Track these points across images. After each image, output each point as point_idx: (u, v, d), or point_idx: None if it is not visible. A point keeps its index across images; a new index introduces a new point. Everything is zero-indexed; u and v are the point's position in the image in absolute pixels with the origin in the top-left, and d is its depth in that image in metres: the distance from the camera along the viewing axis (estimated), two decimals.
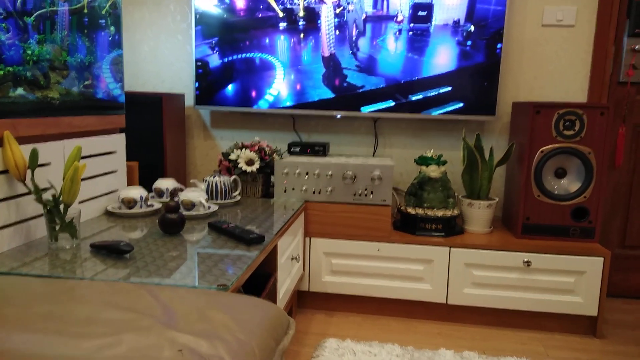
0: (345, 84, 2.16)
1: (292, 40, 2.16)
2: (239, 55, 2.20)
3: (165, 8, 2.38)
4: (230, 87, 2.23)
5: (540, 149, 1.88)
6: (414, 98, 2.12)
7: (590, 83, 2.14)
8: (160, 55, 2.43)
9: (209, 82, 2.24)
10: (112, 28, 1.65)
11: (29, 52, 1.28)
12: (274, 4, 2.12)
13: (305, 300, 2.08)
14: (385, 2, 2.07)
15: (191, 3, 2.22)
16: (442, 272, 1.92)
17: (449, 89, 2.10)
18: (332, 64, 2.15)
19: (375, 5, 2.08)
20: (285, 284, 1.67)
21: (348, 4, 2.09)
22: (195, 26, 2.20)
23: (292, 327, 0.95)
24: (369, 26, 2.09)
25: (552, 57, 2.17)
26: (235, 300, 0.90)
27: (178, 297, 0.90)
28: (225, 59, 2.22)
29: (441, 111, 2.12)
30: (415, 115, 2.13)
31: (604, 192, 1.95)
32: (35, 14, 1.29)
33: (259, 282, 1.48)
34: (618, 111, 2.16)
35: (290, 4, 2.13)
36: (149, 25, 2.41)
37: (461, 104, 2.10)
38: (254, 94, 2.23)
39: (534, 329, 1.94)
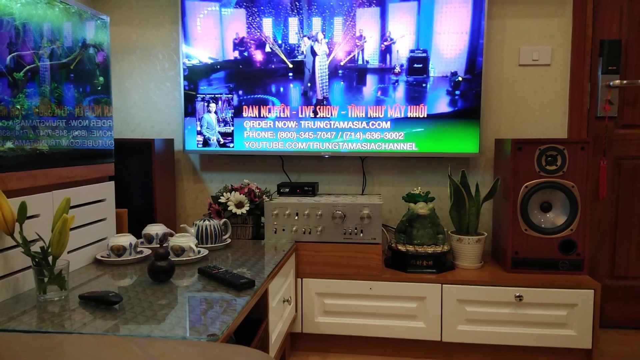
0: (332, 125, 2.21)
1: (286, 85, 2.22)
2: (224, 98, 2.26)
3: (153, 57, 2.44)
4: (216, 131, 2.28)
5: (525, 184, 1.91)
6: (399, 138, 2.17)
7: (569, 118, 2.21)
8: (149, 102, 2.47)
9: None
10: (101, 78, 1.69)
11: (17, 106, 1.30)
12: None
13: (299, 342, 2.05)
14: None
15: (179, 51, 2.28)
16: (435, 309, 1.91)
17: (421, 123, 2.15)
18: (323, 105, 2.20)
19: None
20: (277, 328, 1.66)
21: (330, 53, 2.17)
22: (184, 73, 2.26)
23: None
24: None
25: (531, 94, 2.24)
26: (224, 352, 0.90)
27: (167, 349, 0.90)
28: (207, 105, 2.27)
29: (427, 149, 2.17)
30: (401, 153, 2.18)
31: (589, 224, 1.98)
32: (24, 70, 1.32)
33: (252, 326, 1.47)
34: (598, 145, 2.21)
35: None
36: (138, 73, 2.46)
37: (445, 142, 2.15)
38: (244, 135, 2.26)
39: None
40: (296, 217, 1.98)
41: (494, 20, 2.21)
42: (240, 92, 2.25)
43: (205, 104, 2.28)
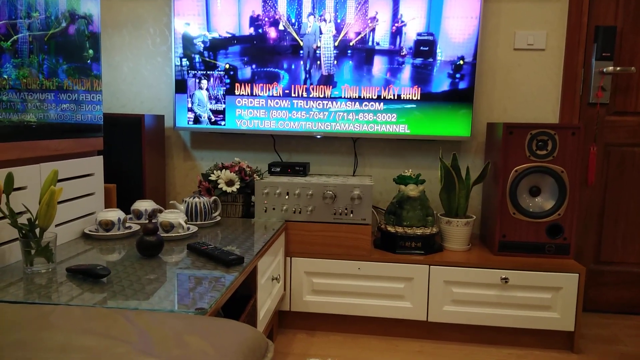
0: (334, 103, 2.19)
1: (293, 62, 2.19)
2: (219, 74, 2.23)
3: (144, 31, 2.40)
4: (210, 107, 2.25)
5: (515, 168, 1.92)
6: (391, 120, 2.17)
7: (562, 104, 2.21)
8: (140, 77, 2.43)
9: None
10: (91, 51, 1.66)
11: (5, 76, 1.27)
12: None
13: (287, 320, 2.07)
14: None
15: (171, 26, 2.24)
16: (422, 290, 1.93)
17: (414, 105, 2.15)
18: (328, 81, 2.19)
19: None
20: (265, 305, 1.67)
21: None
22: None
23: (271, 350, 0.95)
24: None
25: (524, 79, 2.24)
26: (213, 325, 0.90)
27: (155, 322, 0.90)
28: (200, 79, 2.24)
29: (419, 131, 2.16)
30: (393, 135, 2.17)
31: (577, 210, 2.00)
32: (11, 39, 1.29)
33: (240, 303, 1.47)
34: (589, 131, 2.23)
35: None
36: (129, 47, 2.42)
37: (437, 125, 2.15)
38: (236, 113, 2.25)
39: (513, 345, 1.96)
40: (287, 197, 1.98)
41: (491, 4, 2.20)
42: (239, 69, 2.22)
43: (197, 80, 2.25)
